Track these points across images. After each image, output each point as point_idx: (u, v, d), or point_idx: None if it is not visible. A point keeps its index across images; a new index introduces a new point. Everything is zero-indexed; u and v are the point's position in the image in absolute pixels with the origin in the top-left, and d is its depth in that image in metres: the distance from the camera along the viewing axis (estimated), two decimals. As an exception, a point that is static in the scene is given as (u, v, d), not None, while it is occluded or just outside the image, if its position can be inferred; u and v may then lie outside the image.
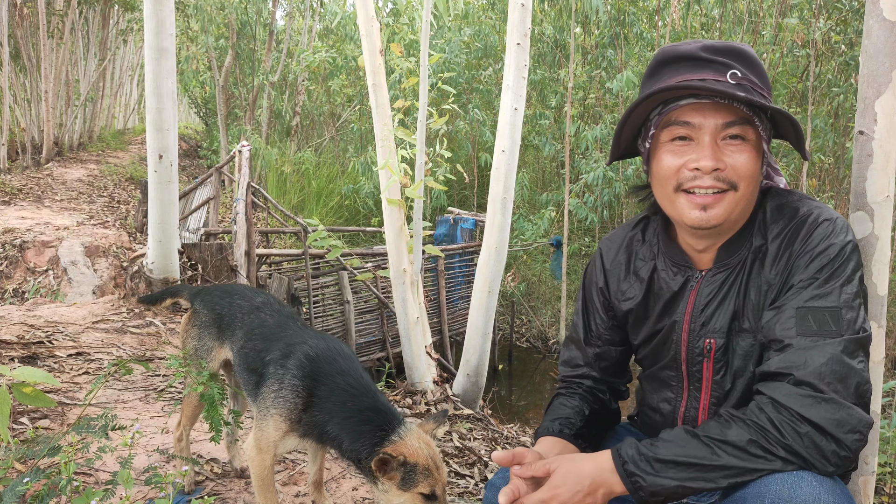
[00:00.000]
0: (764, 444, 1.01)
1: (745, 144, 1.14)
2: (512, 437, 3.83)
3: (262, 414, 1.66)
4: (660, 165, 1.19)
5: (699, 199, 1.14)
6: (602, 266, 1.41)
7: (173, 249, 4.27)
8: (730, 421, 1.06)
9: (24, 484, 1.41)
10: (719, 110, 1.13)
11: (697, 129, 1.14)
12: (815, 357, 1.04)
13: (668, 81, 1.16)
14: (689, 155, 1.15)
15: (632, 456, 1.07)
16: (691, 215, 1.16)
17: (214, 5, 13.18)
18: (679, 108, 1.15)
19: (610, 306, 1.41)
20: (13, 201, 9.19)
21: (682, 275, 1.27)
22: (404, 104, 4.05)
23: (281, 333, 1.76)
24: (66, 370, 3.14)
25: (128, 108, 22.70)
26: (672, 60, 1.19)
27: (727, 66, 1.14)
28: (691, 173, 1.15)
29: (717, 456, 1.02)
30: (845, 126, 8.83)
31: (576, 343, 1.46)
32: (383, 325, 6.98)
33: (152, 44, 3.97)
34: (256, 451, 1.68)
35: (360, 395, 1.59)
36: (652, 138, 1.21)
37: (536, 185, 11.84)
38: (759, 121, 1.14)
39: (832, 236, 1.11)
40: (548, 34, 10.64)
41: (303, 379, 1.60)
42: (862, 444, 1.01)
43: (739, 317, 1.20)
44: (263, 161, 12.56)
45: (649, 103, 1.18)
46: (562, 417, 1.37)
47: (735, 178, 1.13)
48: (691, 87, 1.11)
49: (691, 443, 1.05)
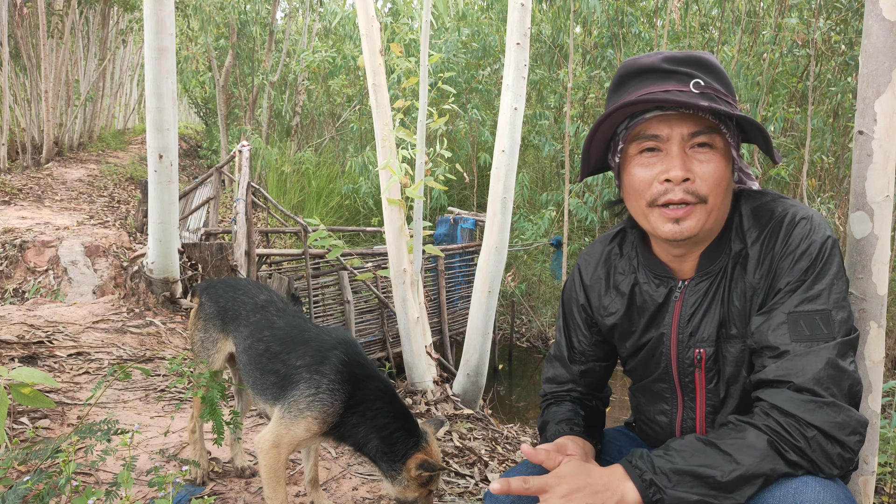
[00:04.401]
0: (779, 448, 1.01)
1: (713, 153, 1.15)
2: (512, 437, 3.83)
3: (292, 415, 1.69)
4: (631, 179, 1.19)
5: (671, 213, 1.15)
6: (581, 282, 1.41)
7: (173, 249, 4.27)
8: (742, 427, 1.05)
9: (25, 484, 1.41)
10: (685, 120, 1.14)
11: (665, 140, 1.15)
12: (812, 363, 1.05)
13: (632, 95, 1.17)
14: (659, 166, 1.15)
15: (649, 467, 1.05)
16: (664, 228, 1.16)
17: (214, 5, 13.18)
18: (645, 121, 1.15)
19: (593, 322, 1.40)
20: (13, 201, 9.19)
21: (664, 286, 1.27)
22: (404, 104, 4.05)
23: (302, 336, 1.81)
24: (66, 370, 3.14)
25: (128, 108, 22.70)
26: (635, 73, 1.19)
27: (690, 76, 1.14)
28: (662, 186, 1.15)
29: (738, 464, 1.01)
30: (845, 126, 8.82)
31: (560, 360, 1.45)
32: (383, 325, 6.98)
33: (152, 44, 3.97)
34: (272, 446, 1.70)
35: (391, 400, 1.72)
36: (621, 152, 1.21)
37: (536, 185, 11.84)
38: (725, 128, 1.15)
39: (812, 234, 1.12)
40: (547, 34, 10.65)
41: (342, 384, 1.69)
42: (861, 444, 1.03)
43: (727, 324, 1.20)
44: (263, 161, 12.56)
45: (616, 118, 1.19)
46: (565, 419, 1.37)
47: (704, 191, 1.14)
48: (655, 100, 1.12)
49: (706, 451, 1.04)
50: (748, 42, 8.91)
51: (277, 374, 1.77)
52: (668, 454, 1.06)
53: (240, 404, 2.30)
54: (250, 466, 2.30)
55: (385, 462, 1.70)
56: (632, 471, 1.06)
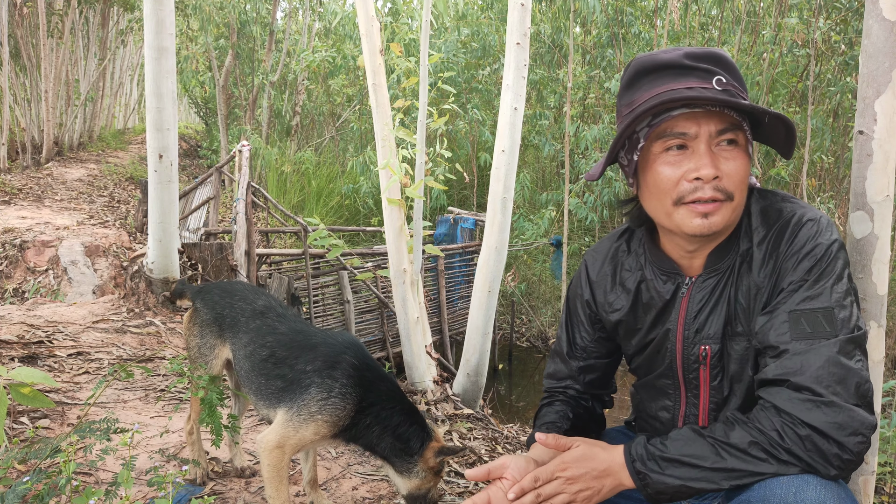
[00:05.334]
0: (765, 448, 1.02)
1: (738, 150, 1.14)
2: (512, 437, 3.83)
3: (301, 417, 1.69)
4: (657, 177, 1.17)
5: (701, 208, 1.13)
6: (588, 278, 1.41)
7: (173, 249, 4.27)
8: (734, 423, 1.07)
9: (24, 483, 1.41)
10: (712, 118, 1.12)
11: (693, 138, 1.13)
12: (812, 361, 1.04)
13: (651, 91, 1.15)
14: (687, 164, 1.13)
15: (641, 454, 1.11)
16: (693, 223, 1.14)
17: (214, 5, 13.18)
18: (672, 118, 1.13)
19: (597, 318, 1.41)
20: (13, 201, 9.19)
21: (672, 282, 1.27)
22: (404, 104, 4.05)
23: (309, 341, 1.82)
24: (66, 370, 3.14)
25: (128, 108, 22.68)
26: (652, 70, 1.17)
27: (711, 73, 1.13)
28: (691, 185, 1.13)
29: (721, 458, 1.04)
30: (845, 126, 8.82)
31: (560, 356, 1.47)
32: (383, 325, 6.98)
33: (152, 43, 3.97)
34: (276, 447, 1.70)
35: (400, 398, 1.76)
36: (641, 150, 1.19)
37: (536, 185, 11.84)
38: (745, 125, 1.15)
39: (818, 236, 1.11)
40: (546, 34, 10.64)
41: (354, 388, 1.71)
42: (865, 447, 1.01)
43: (732, 321, 1.20)
44: (263, 161, 12.56)
45: (642, 115, 1.17)
46: (548, 423, 1.39)
47: (732, 188, 1.14)
48: (687, 98, 1.10)
49: (697, 442, 1.07)
50: (748, 42, 8.91)
51: (285, 379, 1.76)
52: (664, 442, 1.10)
53: (237, 407, 2.30)
54: (250, 466, 2.30)
55: (399, 458, 1.73)
56: (627, 457, 1.12)
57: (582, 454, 1.14)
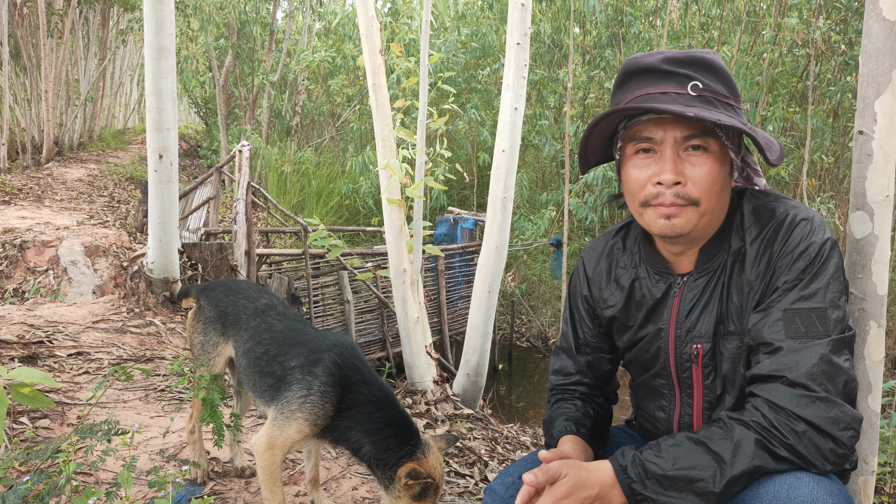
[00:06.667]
0: (767, 445, 1.02)
1: (707, 155, 1.15)
2: (512, 437, 3.83)
3: (284, 416, 1.69)
4: (627, 179, 1.22)
5: (664, 210, 1.16)
6: (585, 274, 1.43)
7: (173, 249, 4.27)
8: (731, 425, 1.06)
9: (25, 484, 1.41)
10: (679, 124, 1.14)
11: (659, 143, 1.16)
12: (806, 358, 1.06)
13: (633, 94, 1.19)
14: (652, 168, 1.17)
15: (638, 474, 1.07)
16: (657, 223, 1.18)
17: (214, 5, 13.18)
18: (640, 122, 1.17)
19: (595, 314, 1.42)
20: (13, 201, 9.19)
21: (664, 281, 1.29)
22: (404, 104, 4.05)
23: (299, 339, 1.80)
24: (66, 370, 3.14)
25: (128, 108, 22.69)
26: (637, 72, 1.20)
27: (688, 78, 1.15)
28: (655, 189, 1.16)
29: (726, 466, 1.02)
30: (845, 126, 8.82)
31: (566, 352, 1.47)
32: (383, 325, 6.98)
33: (152, 43, 3.97)
34: (267, 448, 1.70)
35: (386, 405, 1.68)
36: (620, 150, 1.23)
37: (536, 185, 11.84)
38: (721, 131, 1.14)
39: (811, 235, 1.12)
40: (546, 34, 10.64)
41: (333, 386, 1.67)
42: (856, 440, 1.03)
43: (724, 320, 1.21)
44: (263, 161, 12.56)
45: (614, 117, 1.20)
46: (574, 419, 1.37)
47: (696, 194, 1.15)
48: (642, 109, 1.13)
49: (696, 452, 1.05)
50: (748, 42, 8.91)
51: (274, 376, 1.77)
52: (660, 455, 1.07)
53: (238, 405, 2.30)
54: (250, 466, 2.30)
55: (379, 469, 1.67)
56: (621, 476, 1.08)
57: (573, 485, 1.09)
